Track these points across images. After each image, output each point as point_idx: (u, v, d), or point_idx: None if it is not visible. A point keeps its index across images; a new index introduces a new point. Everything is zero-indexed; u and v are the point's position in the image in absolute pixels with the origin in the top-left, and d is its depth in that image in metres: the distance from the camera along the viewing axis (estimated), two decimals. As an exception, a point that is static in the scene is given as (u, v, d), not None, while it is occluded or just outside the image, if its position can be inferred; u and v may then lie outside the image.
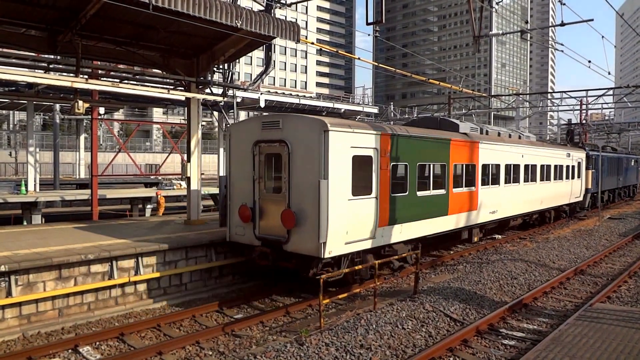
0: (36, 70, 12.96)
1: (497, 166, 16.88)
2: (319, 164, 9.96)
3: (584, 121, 41.03)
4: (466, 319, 9.46)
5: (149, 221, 15.81)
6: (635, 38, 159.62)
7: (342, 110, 36.35)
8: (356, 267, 10.23)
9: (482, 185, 15.91)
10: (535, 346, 7.42)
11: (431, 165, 13.32)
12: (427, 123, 15.89)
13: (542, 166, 20.51)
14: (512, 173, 17.95)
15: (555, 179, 22.07)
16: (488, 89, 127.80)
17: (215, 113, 24.09)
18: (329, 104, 35.68)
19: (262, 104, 29.21)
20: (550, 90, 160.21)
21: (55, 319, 9.55)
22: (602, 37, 21.85)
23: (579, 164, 25.17)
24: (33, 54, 12.97)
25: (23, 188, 22.13)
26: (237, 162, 11.71)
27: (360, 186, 10.80)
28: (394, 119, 41.73)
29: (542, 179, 20.56)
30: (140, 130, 67.45)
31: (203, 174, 15.64)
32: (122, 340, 8.82)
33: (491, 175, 16.52)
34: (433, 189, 13.41)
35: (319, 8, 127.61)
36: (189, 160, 14.90)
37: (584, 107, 40.21)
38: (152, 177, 34.17)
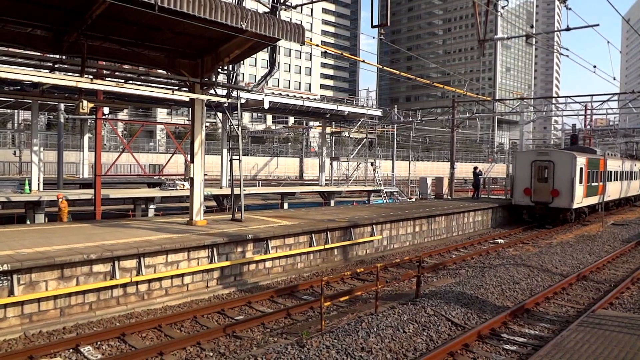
0: (41, 70, 12.98)
1: (611, 171, 29.83)
2: (571, 170, 23.39)
3: (588, 126, 41.39)
4: (468, 324, 9.43)
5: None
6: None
7: (346, 112, 36.24)
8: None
9: (607, 181, 28.71)
10: (537, 352, 7.39)
11: (594, 171, 26.28)
12: (575, 148, 28.87)
13: (626, 172, 33.86)
14: (615, 175, 31.12)
15: (631, 179, 35.56)
16: (492, 92, 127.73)
17: (219, 114, 24.12)
18: (333, 106, 35.55)
19: (266, 106, 29.18)
20: (554, 94, 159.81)
21: (57, 319, 9.57)
22: (608, 42, 21.86)
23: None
24: (38, 54, 12.99)
25: (27, 187, 22.19)
26: (520, 169, 24.93)
27: (580, 179, 23.96)
28: (397, 122, 41.62)
29: (626, 179, 33.87)
30: (144, 130, 67.69)
31: (206, 174, 15.64)
32: (123, 341, 8.84)
33: (609, 176, 29.38)
34: (595, 182, 26.48)
35: (324, 10, 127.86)
36: (192, 160, 14.91)
37: (588, 112, 40.08)
38: (155, 177, 34.17)
